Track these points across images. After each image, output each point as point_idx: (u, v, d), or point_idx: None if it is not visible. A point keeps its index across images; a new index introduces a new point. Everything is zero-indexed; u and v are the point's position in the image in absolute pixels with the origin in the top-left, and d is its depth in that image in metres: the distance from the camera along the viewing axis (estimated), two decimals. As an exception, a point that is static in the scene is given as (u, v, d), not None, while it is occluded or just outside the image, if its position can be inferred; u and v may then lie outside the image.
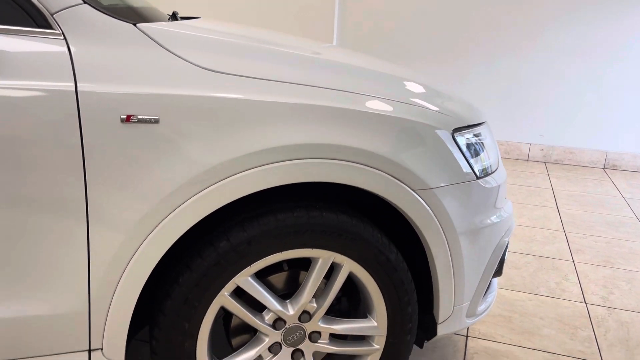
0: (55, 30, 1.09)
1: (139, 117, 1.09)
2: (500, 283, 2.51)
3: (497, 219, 1.54)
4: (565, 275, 2.64)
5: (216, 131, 1.15)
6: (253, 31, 1.63)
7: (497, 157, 1.62)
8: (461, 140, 1.43)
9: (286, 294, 1.40)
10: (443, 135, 1.38)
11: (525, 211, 3.57)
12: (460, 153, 1.41)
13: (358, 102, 1.28)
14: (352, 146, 1.25)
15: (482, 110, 1.67)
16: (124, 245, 1.14)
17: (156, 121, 1.10)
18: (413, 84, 1.48)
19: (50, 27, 1.08)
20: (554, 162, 5.05)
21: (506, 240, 1.60)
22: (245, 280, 1.29)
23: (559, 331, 2.12)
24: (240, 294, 1.34)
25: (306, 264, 1.39)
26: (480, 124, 1.54)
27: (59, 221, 1.10)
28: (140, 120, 1.09)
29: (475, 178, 1.45)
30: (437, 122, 1.38)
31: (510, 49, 4.91)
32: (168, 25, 1.28)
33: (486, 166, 1.51)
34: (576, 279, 2.59)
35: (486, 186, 1.48)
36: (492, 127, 2.05)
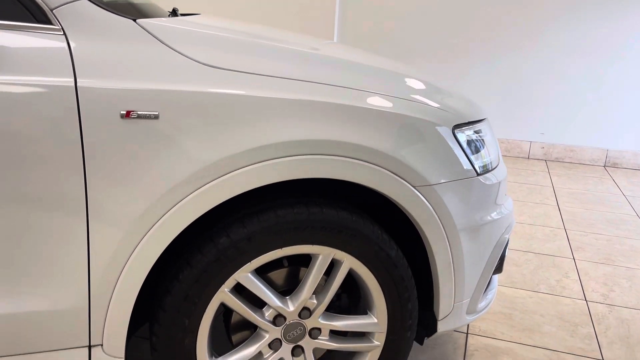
0: (54, 25, 1.08)
1: (139, 113, 1.09)
2: (500, 280, 2.51)
3: (498, 216, 1.54)
4: (565, 272, 2.64)
5: (216, 127, 1.14)
6: (253, 27, 1.62)
7: (498, 154, 1.62)
8: (461, 136, 1.43)
9: (286, 291, 1.40)
10: (443, 131, 1.37)
11: (525, 209, 3.57)
12: (460, 149, 1.41)
13: (358, 98, 1.28)
14: (352, 142, 1.25)
15: (483, 107, 1.66)
16: (124, 241, 1.14)
17: (156, 117, 1.10)
18: (413, 81, 1.48)
19: (49, 23, 1.08)
20: (555, 160, 5.05)
21: (506, 237, 1.60)
22: (245, 276, 1.29)
23: (560, 328, 2.12)
24: (240, 291, 1.34)
25: (306, 261, 1.39)
26: (480, 121, 1.54)
27: (59, 217, 1.10)
28: (140, 116, 1.09)
29: (475, 175, 1.44)
30: (438, 119, 1.37)
31: (511, 48, 4.91)
32: (168, 21, 1.27)
33: (486, 163, 1.51)
34: (577, 277, 2.59)
35: (486, 183, 1.48)
36: (493, 125, 2.05)
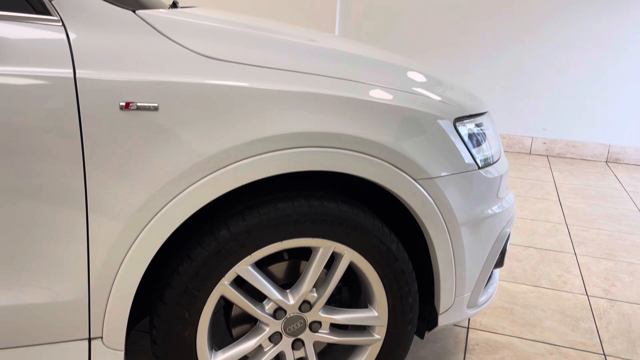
0: (53, 16, 1.08)
1: (138, 105, 1.08)
2: (501, 275, 2.50)
3: (499, 210, 1.53)
4: (567, 267, 2.63)
5: (215, 119, 1.14)
6: (252, 19, 1.61)
7: (499, 148, 1.61)
8: (463, 129, 1.42)
9: (287, 284, 1.39)
10: (445, 124, 1.37)
11: (527, 204, 3.56)
12: (462, 143, 1.40)
13: (359, 91, 1.27)
14: (353, 135, 1.24)
15: (485, 100, 1.65)
16: (123, 233, 1.13)
17: (155, 109, 1.10)
18: (415, 73, 1.47)
19: (48, 14, 1.08)
20: (557, 156, 5.03)
21: (508, 230, 1.59)
22: (245, 269, 1.29)
23: (561, 323, 2.12)
24: (240, 284, 1.34)
25: (307, 254, 1.39)
26: (482, 114, 1.53)
27: (58, 209, 1.09)
28: (139, 107, 1.08)
29: (477, 168, 1.44)
30: (439, 111, 1.37)
31: (512, 43, 4.89)
32: (167, 12, 1.27)
33: (488, 156, 1.50)
34: (578, 272, 2.59)
35: (488, 176, 1.47)
36: (495, 121, 2.05)
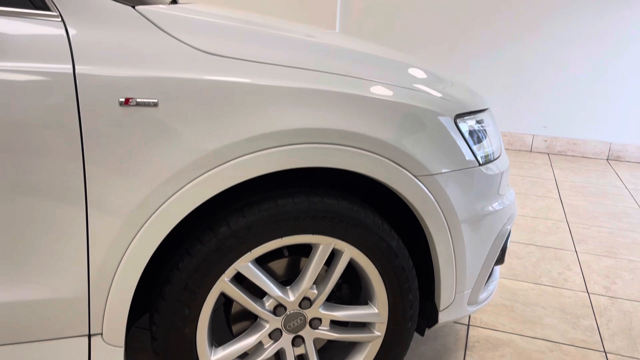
0: (53, 12, 1.07)
1: (138, 101, 1.08)
2: (502, 273, 2.50)
3: (500, 206, 1.53)
4: (567, 265, 2.63)
5: (215, 115, 1.13)
6: (252, 15, 1.61)
7: (500, 144, 1.60)
8: (464, 126, 1.42)
9: (287, 281, 1.39)
10: (445, 121, 1.36)
11: (528, 202, 3.56)
12: (462, 139, 1.40)
13: (360, 87, 1.26)
14: (353, 131, 1.23)
15: (485, 97, 1.65)
16: (123, 230, 1.13)
17: (155, 104, 1.09)
18: (415, 70, 1.46)
19: (47, 9, 1.07)
20: (557, 154, 5.03)
21: (508, 227, 1.59)
22: (245, 266, 1.29)
23: (561, 320, 2.11)
24: (240, 280, 1.34)
25: (307, 251, 1.39)
26: (482, 111, 1.53)
27: (57, 205, 1.09)
28: (138, 103, 1.08)
29: (477, 165, 1.43)
30: (440, 108, 1.36)
31: (513, 40, 4.88)
32: (167, 8, 1.26)
33: (488, 153, 1.50)
34: (579, 269, 2.58)
35: (488, 173, 1.47)
36: (495, 118, 2.04)
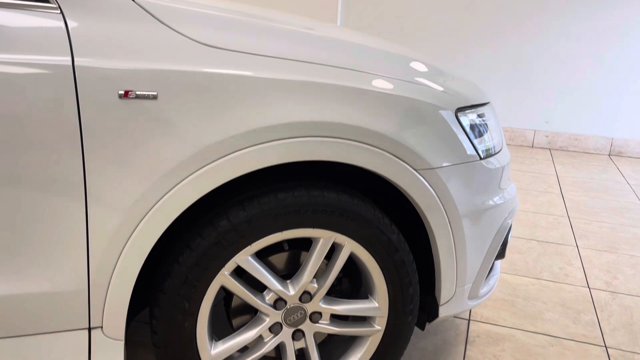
0: (52, 4, 1.07)
1: (137, 93, 1.07)
2: (503, 268, 2.50)
3: (501, 201, 1.53)
4: (568, 260, 2.63)
5: (215, 108, 1.13)
6: (253, 8, 1.60)
7: (501, 138, 1.60)
8: (465, 120, 1.41)
9: (287, 275, 1.39)
10: (446, 114, 1.36)
11: (529, 197, 3.55)
12: (463, 133, 1.39)
13: (361, 80, 1.26)
14: (354, 124, 1.23)
15: (486, 91, 1.64)
16: (123, 223, 1.13)
17: (154, 97, 1.09)
18: (416, 63, 1.46)
19: (46, 1, 1.07)
20: (559, 149, 5.02)
21: (509, 222, 1.59)
22: (245, 259, 1.29)
23: (562, 315, 2.11)
24: (240, 274, 1.34)
25: (307, 244, 1.38)
26: (484, 104, 1.52)
27: (57, 199, 1.08)
28: (138, 96, 1.08)
29: (478, 159, 1.43)
30: (441, 102, 1.36)
31: (515, 35, 4.86)
32: (166, 0, 1.25)
33: (489, 147, 1.49)
34: (580, 264, 2.58)
35: (489, 167, 1.47)
36: (497, 114, 2.04)
